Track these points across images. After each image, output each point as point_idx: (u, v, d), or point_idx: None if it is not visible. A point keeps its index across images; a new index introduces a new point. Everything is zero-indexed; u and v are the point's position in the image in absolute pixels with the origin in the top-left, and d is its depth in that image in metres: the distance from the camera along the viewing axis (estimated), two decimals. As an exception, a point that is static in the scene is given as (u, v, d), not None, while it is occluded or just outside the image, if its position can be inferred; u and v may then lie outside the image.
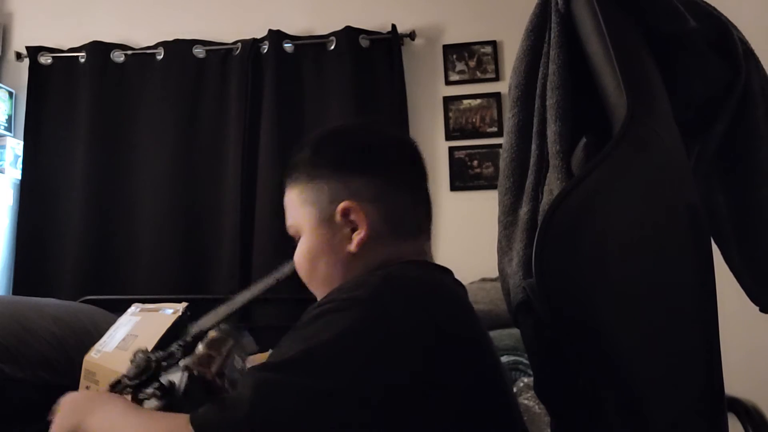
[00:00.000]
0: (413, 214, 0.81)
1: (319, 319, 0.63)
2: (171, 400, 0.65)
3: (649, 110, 0.63)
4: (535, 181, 0.74)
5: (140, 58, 2.75)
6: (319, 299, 0.77)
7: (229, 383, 0.68)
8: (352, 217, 0.76)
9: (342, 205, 0.76)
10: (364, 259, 0.75)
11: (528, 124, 0.77)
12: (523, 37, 0.80)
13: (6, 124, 2.75)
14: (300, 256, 0.81)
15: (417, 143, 0.87)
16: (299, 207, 0.80)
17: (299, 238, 0.81)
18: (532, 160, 0.75)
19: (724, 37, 0.76)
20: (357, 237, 0.76)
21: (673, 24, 0.73)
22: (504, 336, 1.67)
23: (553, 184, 0.69)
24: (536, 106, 0.76)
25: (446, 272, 0.81)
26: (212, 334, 0.71)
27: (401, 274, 0.70)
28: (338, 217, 0.76)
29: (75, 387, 1.17)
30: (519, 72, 0.79)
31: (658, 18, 0.72)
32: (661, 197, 0.61)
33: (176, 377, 0.66)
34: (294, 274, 0.84)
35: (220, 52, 2.71)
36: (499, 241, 0.79)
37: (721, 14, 0.77)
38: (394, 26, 2.60)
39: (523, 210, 0.74)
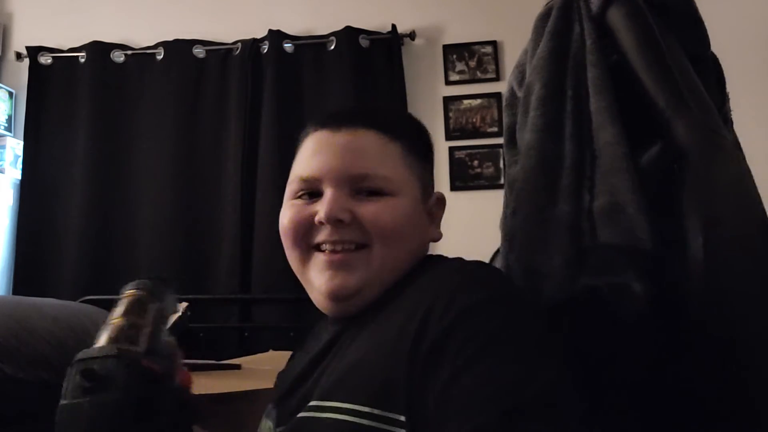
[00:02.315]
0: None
1: (506, 331, 0.55)
2: (104, 396, 0.48)
3: (718, 122, 0.67)
4: (576, 182, 0.73)
5: (140, 58, 2.75)
6: (376, 265, 0.67)
7: (160, 361, 0.53)
8: (437, 209, 0.76)
9: (438, 195, 0.77)
10: (421, 250, 0.74)
11: (558, 124, 0.77)
12: (546, 38, 0.81)
13: (6, 124, 2.75)
14: (399, 215, 0.68)
15: None
16: (402, 167, 0.71)
17: (376, 192, 0.68)
18: (569, 162, 0.75)
19: (718, 67, 0.82)
20: (436, 230, 0.77)
21: (701, 47, 0.77)
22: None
23: (619, 186, 0.69)
24: (569, 108, 0.76)
25: None
26: (129, 292, 0.57)
27: (476, 263, 0.67)
28: (431, 203, 0.76)
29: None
30: (545, 72, 0.79)
31: (692, 39, 0.75)
32: (752, 201, 0.65)
33: (111, 365, 0.50)
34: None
35: (220, 52, 2.71)
36: (529, 240, 0.77)
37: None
38: (394, 26, 2.60)
39: (563, 209, 0.74)
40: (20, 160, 2.71)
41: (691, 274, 0.61)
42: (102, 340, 0.54)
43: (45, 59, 2.77)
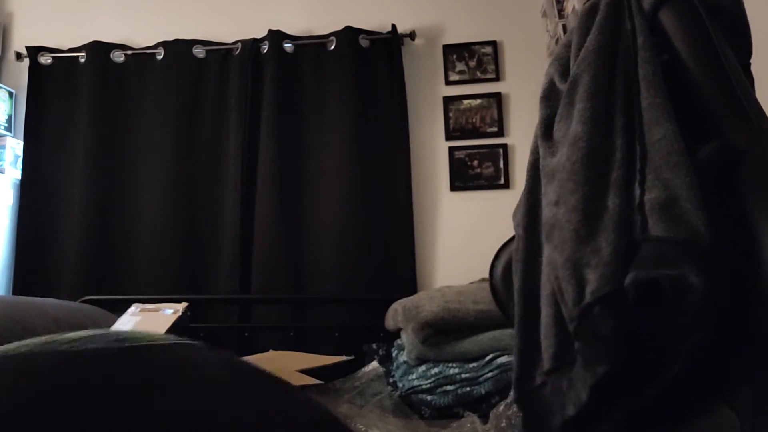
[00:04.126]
0: None
1: None
2: None
3: None
4: (627, 176, 0.75)
5: (140, 58, 2.75)
6: None
7: None
8: None
9: None
10: None
11: (607, 117, 0.78)
12: (595, 31, 0.82)
13: (6, 124, 2.75)
14: None
15: None
16: None
17: None
18: (620, 155, 0.76)
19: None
20: None
21: (746, 54, 0.79)
22: (505, 336, 1.67)
23: (675, 181, 0.70)
24: (620, 102, 0.77)
25: None
26: None
27: None
28: None
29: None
30: (595, 65, 0.81)
31: (739, 45, 0.78)
32: None
33: None
34: None
35: (220, 52, 2.71)
36: (575, 231, 0.77)
37: None
38: (394, 26, 2.60)
39: (614, 202, 0.75)
40: (20, 160, 2.71)
41: (764, 274, 0.62)
42: None
43: (45, 59, 2.77)
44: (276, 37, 2.65)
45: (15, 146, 2.71)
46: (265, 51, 2.66)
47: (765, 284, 0.62)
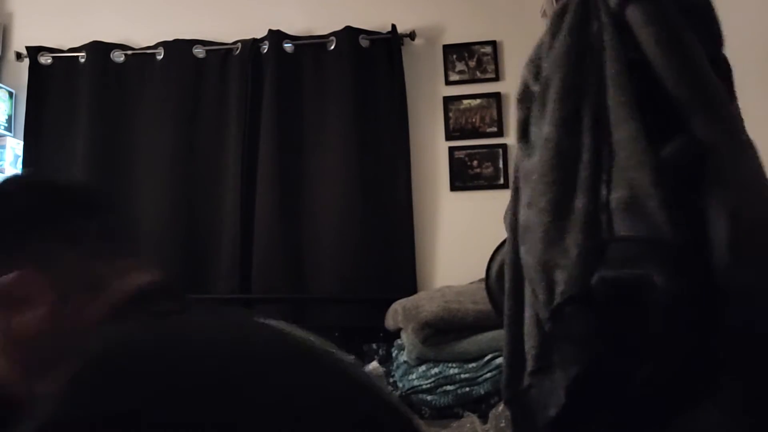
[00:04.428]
0: None
1: None
2: None
3: (740, 119, 0.69)
4: (594, 176, 0.74)
5: (140, 58, 2.75)
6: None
7: None
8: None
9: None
10: None
11: (574, 118, 0.78)
12: (564, 32, 0.82)
13: (6, 124, 2.75)
14: None
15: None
16: None
17: None
18: (587, 156, 0.75)
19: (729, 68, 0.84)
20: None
21: (716, 48, 0.78)
22: (503, 336, 1.67)
23: (639, 180, 0.70)
24: (587, 102, 0.77)
25: None
26: None
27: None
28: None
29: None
30: (564, 66, 0.80)
31: (709, 40, 0.77)
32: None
33: None
34: None
35: (220, 52, 2.71)
36: (544, 232, 0.78)
37: None
38: (394, 26, 2.60)
39: (581, 202, 0.74)
40: (20, 160, 2.71)
41: (717, 263, 0.62)
42: None
43: (45, 59, 2.77)
44: (276, 37, 2.65)
45: (15, 146, 2.71)
46: (265, 51, 2.66)
47: (718, 276, 0.62)
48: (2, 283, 0.56)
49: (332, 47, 2.63)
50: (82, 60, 2.75)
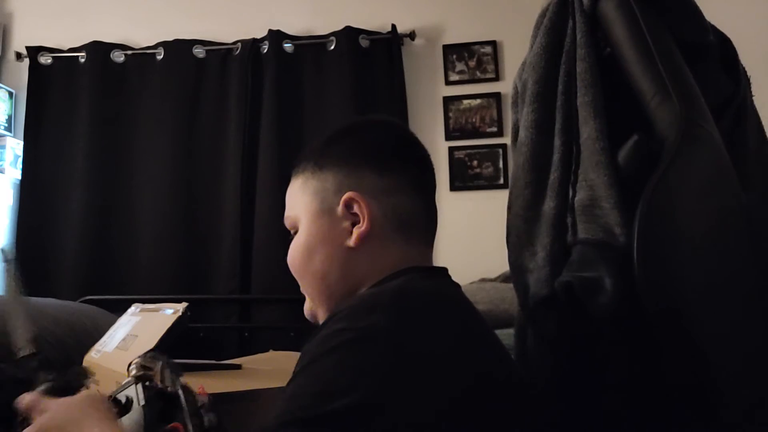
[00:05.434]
0: (421, 217, 0.75)
1: (332, 355, 0.55)
2: (131, 414, 0.64)
3: (699, 113, 0.67)
4: (562, 177, 0.73)
5: (140, 58, 2.75)
6: (309, 298, 0.75)
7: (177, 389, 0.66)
8: (355, 209, 0.71)
9: (346, 195, 0.71)
10: (365, 257, 0.70)
11: (548, 119, 0.77)
12: (541, 34, 0.81)
13: (6, 124, 2.75)
14: (294, 249, 0.75)
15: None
16: (300, 196, 0.75)
17: (295, 232, 0.76)
18: (557, 156, 0.74)
19: (730, 53, 0.82)
20: (357, 231, 0.70)
21: (699, 35, 0.77)
22: (504, 336, 1.67)
23: (597, 181, 0.69)
24: (559, 103, 0.76)
25: (449, 280, 0.77)
26: (137, 360, 0.70)
27: (414, 290, 0.65)
28: (341, 209, 0.71)
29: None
30: (538, 68, 0.79)
31: (687, 27, 0.75)
32: (722, 195, 0.66)
33: (131, 391, 0.66)
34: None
35: (220, 52, 2.71)
36: (517, 236, 0.78)
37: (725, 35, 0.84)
38: (394, 26, 2.60)
39: (549, 205, 0.74)
40: (20, 160, 2.71)
41: (634, 265, 0.62)
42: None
43: (45, 59, 2.77)
44: (276, 37, 2.65)
45: (15, 146, 2.71)
46: (265, 51, 2.66)
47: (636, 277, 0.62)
48: None
49: (332, 47, 2.63)
50: (82, 60, 2.75)
